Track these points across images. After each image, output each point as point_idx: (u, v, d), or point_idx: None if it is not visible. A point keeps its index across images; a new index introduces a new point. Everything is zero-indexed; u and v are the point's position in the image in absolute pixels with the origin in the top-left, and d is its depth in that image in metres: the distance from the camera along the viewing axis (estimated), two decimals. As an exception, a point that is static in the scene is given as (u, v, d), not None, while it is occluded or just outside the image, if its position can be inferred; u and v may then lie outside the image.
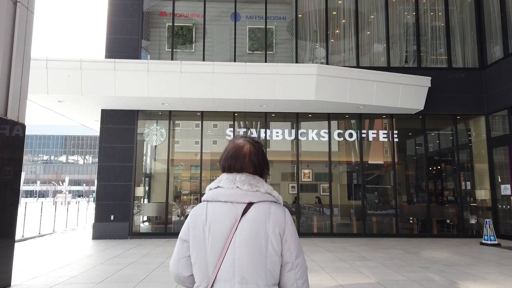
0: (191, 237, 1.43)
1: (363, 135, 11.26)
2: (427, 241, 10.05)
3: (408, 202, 11.61)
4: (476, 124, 11.59)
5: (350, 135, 11.27)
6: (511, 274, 6.04)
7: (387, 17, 11.69)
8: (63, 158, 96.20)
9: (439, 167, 12.30)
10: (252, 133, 11.12)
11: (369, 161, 11.45)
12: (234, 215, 1.40)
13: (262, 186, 1.46)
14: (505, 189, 10.39)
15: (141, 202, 11.00)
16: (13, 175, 5.36)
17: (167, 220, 10.65)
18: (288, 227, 1.42)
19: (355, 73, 9.83)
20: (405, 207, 11.38)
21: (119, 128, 10.60)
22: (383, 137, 11.37)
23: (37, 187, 75.79)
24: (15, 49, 5.34)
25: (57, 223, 13.46)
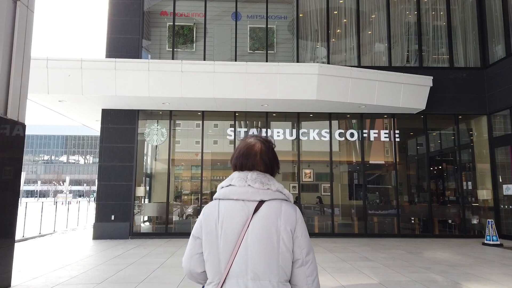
0: (204, 234, 1.45)
1: (364, 135, 11.21)
2: (428, 241, 10.01)
3: (409, 202, 11.57)
4: (478, 124, 11.55)
5: (352, 134, 11.23)
6: (514, 274, 6.00)
7: (388, 16, 11.64)
8: (63, 158, 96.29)
9: (441, 167, 12.25)
10: (262, 132, 11.06)
11: (370, 161, 11.42)
12: (245, 212, 1.43)
13: (273, 184, 1.48)
14: (507, 189, 10.34)
15: (142, 202, 10.98)
16: (13, 175, 5.33)
17: (167, 220, 10.62)
18: (299, 224, 1.45)
19: (356, 73, 9.78)
20: (406, 207, 11.34)
21: (120, 128, 10.57)
22: (385, 137, 11.33)
23: (37, 187, 75.85)
24: (15, 48, 5.31)
25: (57, 223, 13.43)
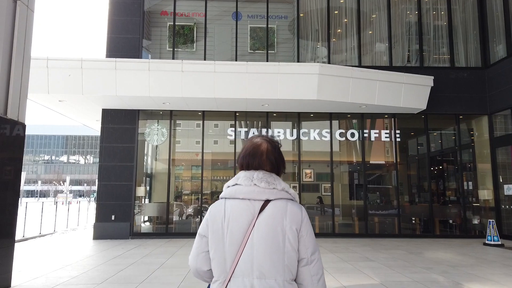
0: (210, 233, 1.47)
1: (365, 135, 11.19)
2: (429, 241, 9.99)
3: (410, 202, 11.55)
4: (478, 124, 11.52)
5: (352, 134, 11.21)
6: (515, 275, 5.98)
7: (389, 16, 11.62)
8: (64, 158, 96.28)
9: (442, 167, 12.23)
10: (268, 132, 11.03)
11: (371, 161, 11.40)
12: (251, 212, 1.44)
13: (279, 184, 1.49)
14: (508, 189, 10.32)
15: (142, 202, 10.96)
16: (13, 175, 5.31)
17: (168, 220, 10.60)
18: (304, 223, 1.46)
19: (357, 73, 9.76)
20: (407, 207, 11.32)
21: (120, 128, 10.56)
22: (385, 137, 11.30)
23: (38, 187, 75.84)
24: (15, 47, 5.30)
25: (58, 223, 13.42)
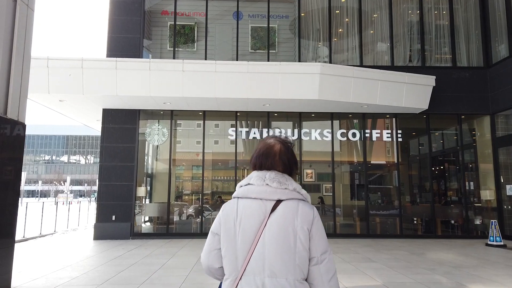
0: (222, 231, 1.49)
1: (366, 135, 11.15)
2: (431, 242, 9.94)
3: (411, 203, 11.50)
4: (480, 124, 11.47)
5: (354, 134, 11.16)
6: (519, 276, 5.93)
7: (390, 15, 11.58)
8: (64, 158, 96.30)
9: (443, 167, 12.18)
10: (282, 133, 11.00)
11: (372, 161, 11.36)
12: (263, 211, 1.45)
13: (290, 184, 1.52)
14: (511, 190, 10.26)
15: (143, 202, 10.93)
16: (13, 175, 5.28)
17: (169, 221, 10.57)
18: (315, 223, 1.46)
19: (358, 72, 9.72)
20: (408, 207, 11.27)
21: (121, 128, 10.52)
22: (387, 137, 11.26)
23: (38, 187, 75.83)
24: (15, 47, 5.26)
25: (58, 223, 13.39)
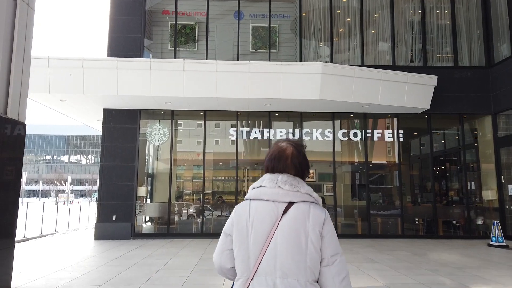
0: (235, 232, 1.52)
1: (367, 135, 11.11)
2: (433, 242, 9.90)
3: (413, 203, 11.46)
4: (482, 124, 11.43)
5: (355, 134, 11.12)
6: (522, 277, 5.89)
7: (392, 15, 11.53)
8: (65, 158, 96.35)
9: (445, 167, 12.14)
10: (294, 136, 10.96)
11: (373, 161, 11.32)
12: (275, 213, 1.48)
13: (302, 187, 1.53)
14: (513, 190, 10.22)
15: (144, 202, 10.90)
16: (13, 175, 5.25)
17: (169, 221, 10.54)
18: (326, 225, 1.48)
19: (360, 72, 9.68)
20: (410, 207, 11.22)
21: (121, 128, 10.49)
22: (388, 137, 11.22)
23: (39, 186, 75.86)
24: (15, 46, 5.23)
25: (59, 223, 13.37)
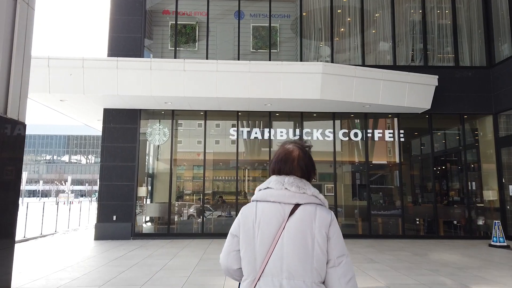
0: (241, 233, 1.53)
1: (368, 135, 11.09)
2: (434, 242, 9.88)
3: (414, 203, 11.43)
4: (483, 124, 11.40)
5: (355, 134, 11.10)
6: (524, 277, 5.87)
7: (393, 15, 11.51)
8: (65, 158, 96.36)
9: (446, 167, 12.11)
10: (299, 137, 10.95)
11: (374, 161, 11.29)
12: (281, 214, 1.49)
13: (308, 189, 1.54)
14: (514, 190, 10.20)
15: (144, 202, 10.88)
16: (13, 175, 5.23)
17: (170, 221, 10.52)
18: (332, 227, 1.49)
19: (361, 72, 9.66)
20: (410, 207, 11.20)
21: (122, 128, 10.48)
22: (389, 137, 11.20)
23: (39, 186, 75.88)
24: (15, 46, 5.21)
25: (59, 223, 13.36)
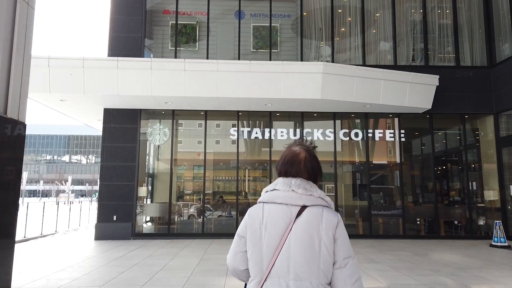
0: (248, 234, 1.54)
1: (369, 135, 11.07)
2: (435, 242, 9.86)
3: (414, 203, 11.42)
4: (484, 124, 11.38)
5: (356, 134, 11.09)
6: (525, 277, 5.86)
7: (393, 14, 11.49)
8: (66, 158, 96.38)
9: (446, 167, 12.09)
10: (306, 139, 10.91)
11: (374, 161, 11.27)
12: (288, 216, 1.50)
13: (315, 191, 1.54)
14: (515, 190, 10.18)
15: (144, 202, 10.87)
16: (13, 175, 5.22)
17: (170, 221, 10.51)
18: (338, 228, 1.50)
19: (361, 72, 9.64)
20: (411, 207, 11.19)
21: (122, 128, 10.47)
22: (390, 137, 11.18)
23: (40, 186, 75.92)
24: (15, 45, 5.20)
25: (59, 223, 13.35)
